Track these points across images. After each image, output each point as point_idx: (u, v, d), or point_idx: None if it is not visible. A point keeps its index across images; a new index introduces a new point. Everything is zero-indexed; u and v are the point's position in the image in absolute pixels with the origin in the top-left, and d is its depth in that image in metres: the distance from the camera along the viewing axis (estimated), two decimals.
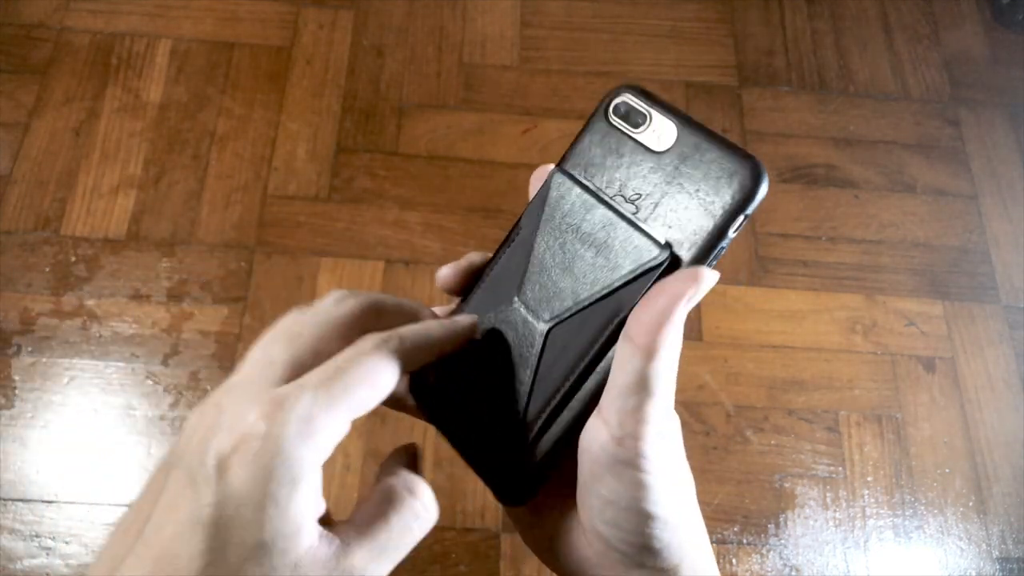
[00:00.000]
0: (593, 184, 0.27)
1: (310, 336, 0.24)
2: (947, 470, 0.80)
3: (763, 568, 0.75)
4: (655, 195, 0.26)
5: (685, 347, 0.83)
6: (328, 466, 0.75)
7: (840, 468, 0.79)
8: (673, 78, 0.98)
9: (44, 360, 0.78)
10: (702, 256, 0.25)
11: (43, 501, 0.72)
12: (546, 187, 0.28)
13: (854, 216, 0.92)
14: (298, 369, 0.23)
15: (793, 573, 0.75)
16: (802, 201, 0.92)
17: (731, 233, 0.25)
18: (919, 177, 0.95)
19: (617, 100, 0.27)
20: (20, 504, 0.72)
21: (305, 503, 0.21)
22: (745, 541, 0.76)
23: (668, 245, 0.25)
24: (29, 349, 0.78)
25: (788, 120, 0.97)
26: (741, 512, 0.77)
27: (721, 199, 0.25)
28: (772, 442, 0.80)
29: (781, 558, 0.76)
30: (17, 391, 0.76)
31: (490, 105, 0.94)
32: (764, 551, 0.76)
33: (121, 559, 0.22)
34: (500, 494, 0.27)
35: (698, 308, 0.86)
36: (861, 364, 0.84)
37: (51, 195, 0.85)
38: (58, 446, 0.74)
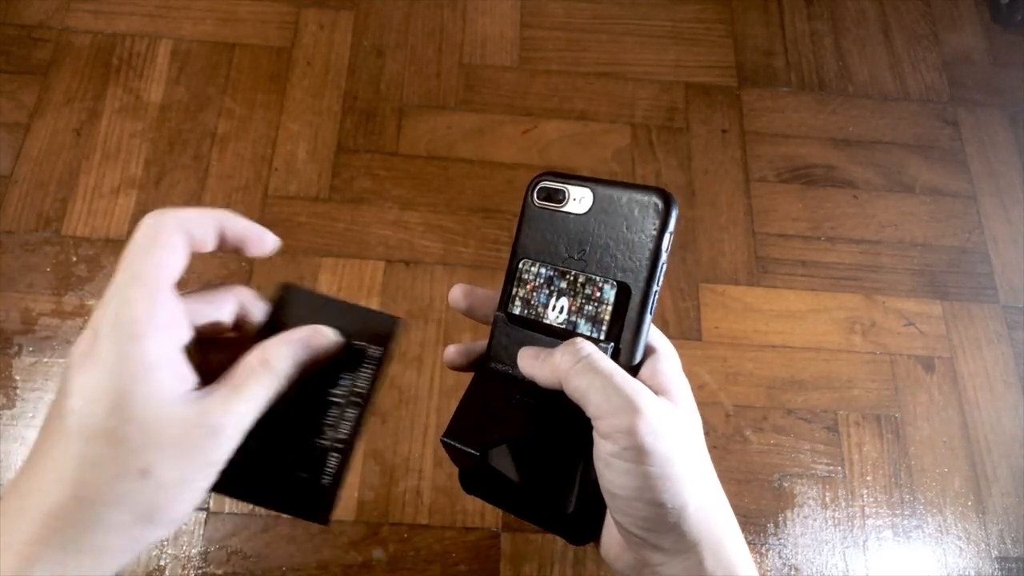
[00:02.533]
0: (546, 258, 0.33)
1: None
2: (946, 470, 0.80)
3: (762, 567, 0.75)
4: (596, 246, 0.31)
5: (685, 347, 0.83)
6: None
7: (839, 468, 0.80)
8: (673, 79, 0.99)
9: (45, 360, 0.78)
10: (649, 276, 0.30)
11: None
12: (514, 270, 0.33)
13: (853, 216, 0.92)
14: None
15: (792, 572, 0.75)
16: (801, 201, 0.93)
17: (664, 251, 0.30)
18: (918, 177, 0.95)
19: (537, 188, 0.33)
20: None
21: (149, 355, 0.24)
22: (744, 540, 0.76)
23: (616, 283, 0.30)
24: (30, 349, 0.78)
25: (787, 120, 0.97)
26: (740, 511, 0.77)
27: (646, 228, 0.30)
28: (771, 442, 0.80)
29: (780, 557, 0.76)
30: (18, 391, 0.76)
31: (490, 105, 0.95)
32: (763, 550, 0.76)
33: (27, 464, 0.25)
34: (573, 540, 0.33)
35: (697, 308, 0.86)
36: (860, 364, 0.84)
37: (52, 195, 0.85)
38: None
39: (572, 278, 0.31)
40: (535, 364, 0.30)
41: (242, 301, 0.31)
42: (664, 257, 0.30)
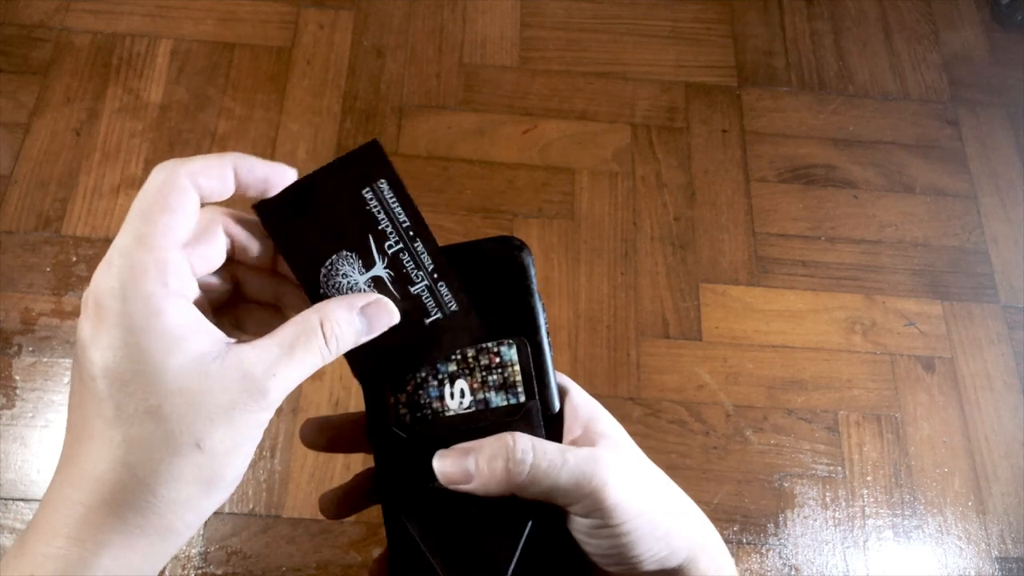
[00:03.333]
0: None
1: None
2: (946, 470, 0.80)
3: (762, 567, 0.75)
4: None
5: (685, 347, 0.83)
6: (327, 466, 0.75)
7: (839, 468, 0.80)
8: (673, 78, 0.99)
9: (45, 360, 0.78)
10: (534, 321, 0.29)
11: None
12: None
13: (853, 216, 0.92)
14: None
15: (792, 572, 0.75)
16: (801, 201, 0.93)
17: (537, 293, 0.29)
18: (918, 177, 0.95)
19: None
20: (21, 504, 0.72)
21: (173, 324, 0.23)
22: (744, 541, 0.76)
23: (511, 341, 0.28)
24: (30, 349, 0.78)
25: (787, 120, 0.97)
26: (740, 512, 0.77)
27: (509, 276, 0.28)
28: (771, 442, 0.80)
29: (780, 557, 0.76)
30: (18, 391, 0.76)
31: (490, 105, 0.95)
32: (763, 551, 0.76)
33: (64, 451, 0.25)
34: None
35: (697, 308, 0.86)
36: (860, 364, 0.84)
37: (52, 195, 0.85)
38: (59, 446, 0.75)
39: (460, 356, 0.29)
40: (466, 477, 0.27)
41: (230, 230, 0.28)
42: (539, 297, 0.29)
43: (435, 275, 0.28)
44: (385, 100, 0.94)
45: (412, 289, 0.27)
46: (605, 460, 0.26)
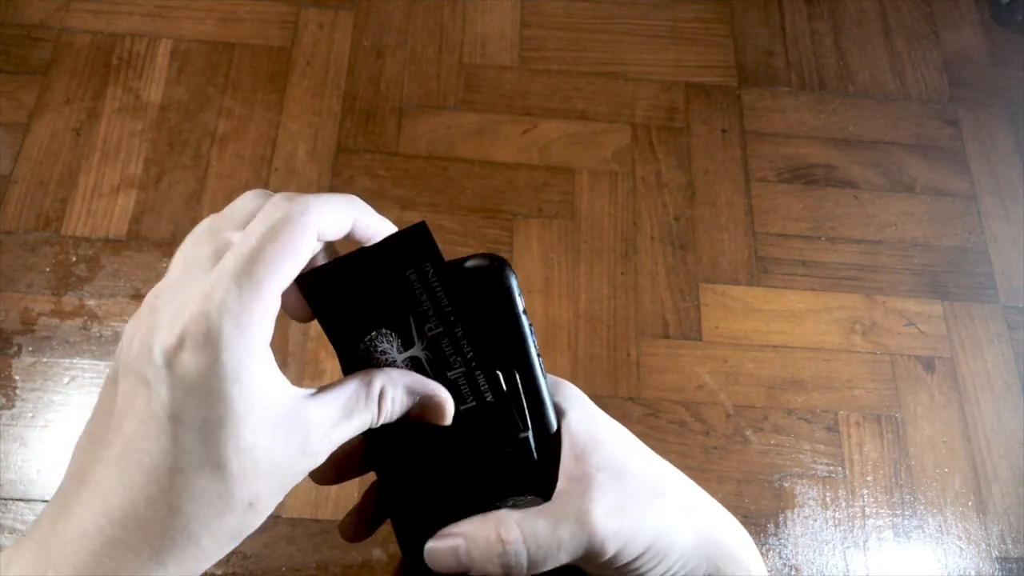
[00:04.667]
0: None
1: (229, 229, 0.24)
2: (946, 470, 0.80)
3: None
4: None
5: (685, 347, 0.83)
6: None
7: (839, 468, 0.79)
8: (673, 78, 0.99)
9: (45, 360, 0.78)
10: (524, 345, 0.28)
11: (44, 501, 0.73)
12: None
13: (853, 216, 0.92)
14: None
15: (792, 572, 0.75)
16: (801, 201, 0.93)
17: (524, 312, 0.28)
18: (918, 177, 0.95)
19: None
20: (21, 504, 0.72)
21: (257, 377, 0.22)
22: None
23: (499, 372, 0.27)
24: (30, 349, 0.78)
25: (788, 120, 0.97)
26: (741, 512, 0.77)
27: (495, 298, 0.27)
28: (771, 442, 0.80)
29: (780, 557, 0.76)
30: (18, 391, 0.76)
31: (490, 105, 0.95)
32: (763, 551, 0.76)
33: (87, 470, 0.22)
34: None
35: (697, 308, 0.86)
36: (860, 364, 0.84)
37: (51, 195, 0.85)
38: (59, 446, 0.75)
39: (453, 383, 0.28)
40: (461, 567, 0.27)
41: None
42: (525, 317, 0.28)
43: (473, 363, 0.27)
44: (385, 100, 0.94)
45: (449, 374, 0.27)
46: (598, 517, 0.26)
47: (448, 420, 0.27)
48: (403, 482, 0.29)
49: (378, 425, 0.26)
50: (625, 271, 0.87)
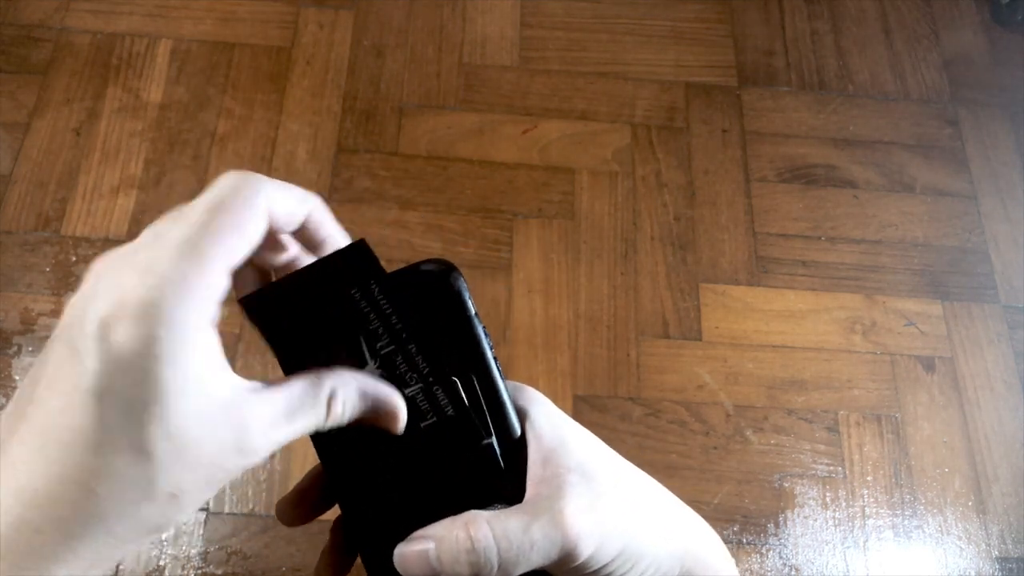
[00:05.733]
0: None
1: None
2: (946, 470, 0.80)
3: (763, 568, 0.75)
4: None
5: (685, 347, 0.83)
6: None
7: (839, 468, 0.79)
8: (673, 78, 0.99)
9: None
10: (479, 349, 0.27)
11: None
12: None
13: (853, 216, 0.92)
14: None
15: (793, 573, 0.75)
16: (801, 201, 0.93)
17: (476, 316, 0.27)
18: (918, 177, 0.95)
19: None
20: None
21: (195, 360, 0.20)
22: (745, 541, 0.76)
23: (454, 379, 0.26)
24: (30, 349, 0.78)
25: (788, 120, 0.97)
26: (741, 512, 0.77)
27: (444, 303, 0.26)
28: (772, 442, 0.80)
29: (781, 558, 0.76)
30: (18, 391, 0.76)
31: (490, 105, 0.95)
32: (764, 551, 0.76)
33: (2, 444, 0.21)
34: None
35: (697, 308, 0.86)
36: (860, 364, 0.84)
37: (51, 195, 0.85)
38: None
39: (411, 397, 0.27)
40: (431, 571, 0.25)
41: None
42: (478, 321, 0.27)
43: (430, 378, 0.26)
44: (385, 100, 0.94)
45: (406, 392, 0.26)
46: (571, 518, 0.25)
47: (402, 427, 0.25)
48: (367, 506, 0.28)
49: (326, 429, 0.24)
50: (625, 271, 0.87)
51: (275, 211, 0.23)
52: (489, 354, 0.27)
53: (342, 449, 0.27)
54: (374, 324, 0.25)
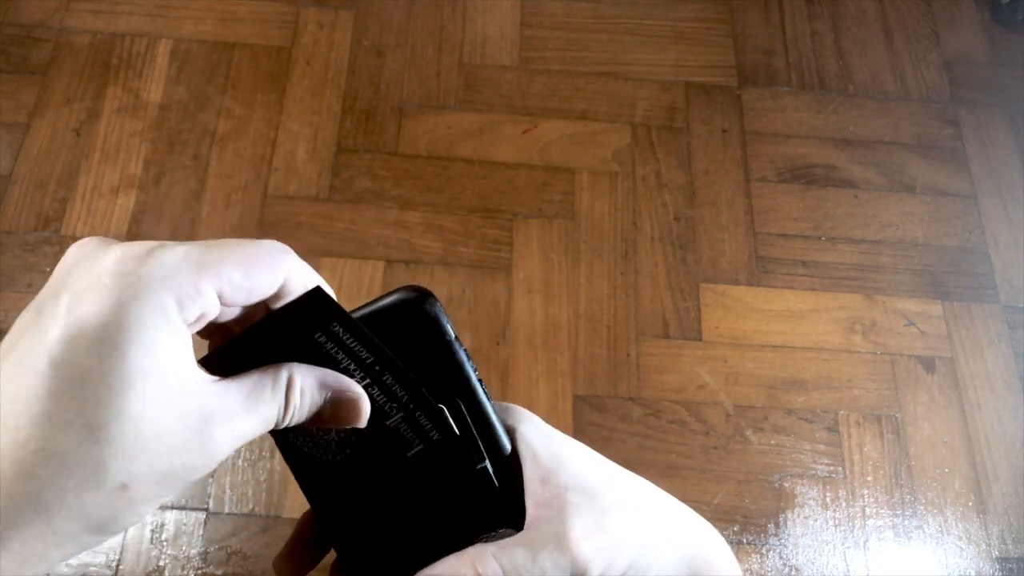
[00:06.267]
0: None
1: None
2: (946, 470, 0.80)
3: (763, 568, 0.75)
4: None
5: (685, 347, 0.83)
6: None
7: (840, 468, 0.79)
8: (673, 78, 0.99)
9: None
10: (462, 373, 0.26)
11: None
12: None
13: (854, 216, 0.92)
14: None
15: (793, 573, 0.75)
16: (801, 201, 0.93)
17: (456, 340, 0.26)
18: (919, 177, 0.95)
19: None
20: None
21: (164, 345, 0.19)
22: (745, 541, 0.76)
23: (441, 406, 0.26)
24: None
25: (788, 120, 0.97)
26: (740, 512, 0.77)
27: (424, 331, 0.26)
28: (772, 442, 0.80)
29: (781, 558, 0.76)
30: None
31: (490, 105, 0.95)
32: (764, 551, 0.76)
33: None
34: None
35: (697, 308, 0.86)
36: (860, 364, 0.84)
37: (51, 195, 0.85)
38: None
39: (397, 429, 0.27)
40: None
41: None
42: (459, 344, 0.27)
43: (410, 405, 0.25)
44: (385, 100, 0.94)
45: (388, 423, 0.25)
46: (578, 542, 0.25)
47: (364, 419, 0.24)
48: (364, 546, 0.27)
49: (285, 423, 0.23)
50: (625, 271, 0.87)
51: (290, 279, 0.22)
52: (473, 376, 0.27)
53: (331, 489, 0.27)
54: (344, 362, 0.24)
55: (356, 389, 0.24)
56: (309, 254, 0.84)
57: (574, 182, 0.91)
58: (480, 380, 0.27)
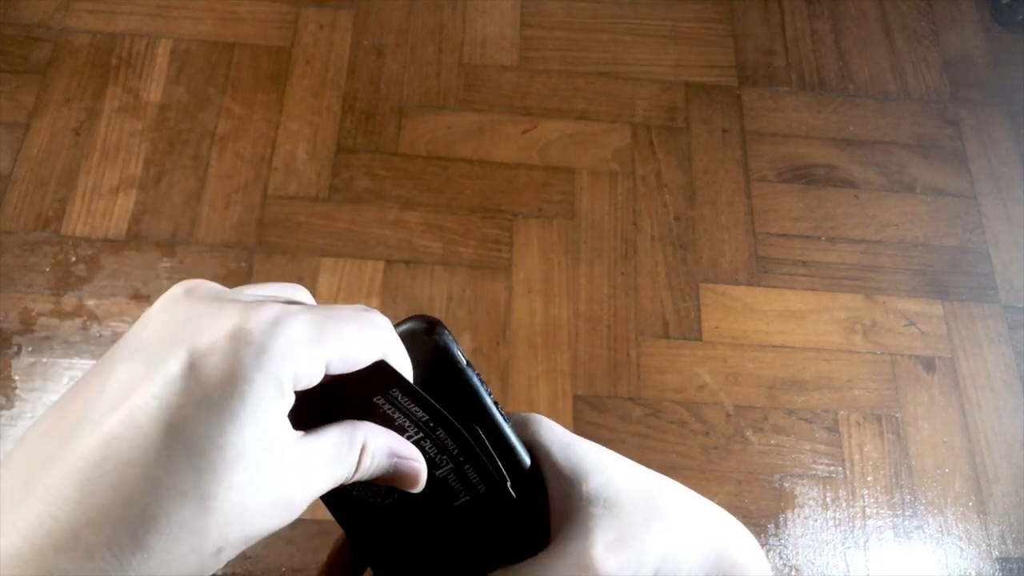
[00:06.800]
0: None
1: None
2: (947, 470, 0.80)
3: None
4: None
5: (685, 347, 0.83)
6: None
7: (840, 468, 0.79)
8: (673, 78, 0.99)
9: (44, 360, 0.78)
10: (476, 395, 0.27)
11: None
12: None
13: (854, 216, 0.92)
14: None
15: (793, 573, 0.75)
16: (802, 201, 0.93)
17: (467, 364, 0.27)
18: (919, 177, 0.95)
19: None
20: None
21: (275, 415, 0.19)
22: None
23: (460, 427, 0.26)
24: (29, 349, 0.78)
25: (788, 120, 0.97)
26: (741, 512, 0.77)
27: (437, 365, 0.26)
28: (772, 442, 0.80)
29: (781, 558, 0.76)
30: (17, 391, 0.76)
31: (490, 105, 0.94)
32: (764, 551, 0.76)
33: (36, 470, 0.18)
34: None
35: (697, 308, 0.86)
36: (861, 364, 0.84)
37: (51, 195, 0.85)
38: None
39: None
40: None
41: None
42: (471, 369, 0.27)
43: (460, 458, 0.26)
44: (385, 100, 0.94)
45: (437, 473, 0.26)
46: (601, 556, 0.25)
47: (420, 486, 0.25)
48: (399, 570, 0.28)
49: (351, 481, 0.23)
50: (625, 271, 0.87)
51: (382, 355, 0.22)
52: (488, 400, 0.27)
53: (373, 528, 0.27)
54: (399, 420, 0.25)
55: (419, 458, 0.25)
56: (309, 254, 0.84)
57: (574, 182, 0.91)
58: (496, 403, 0.28)
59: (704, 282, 0.87)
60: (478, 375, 0.28)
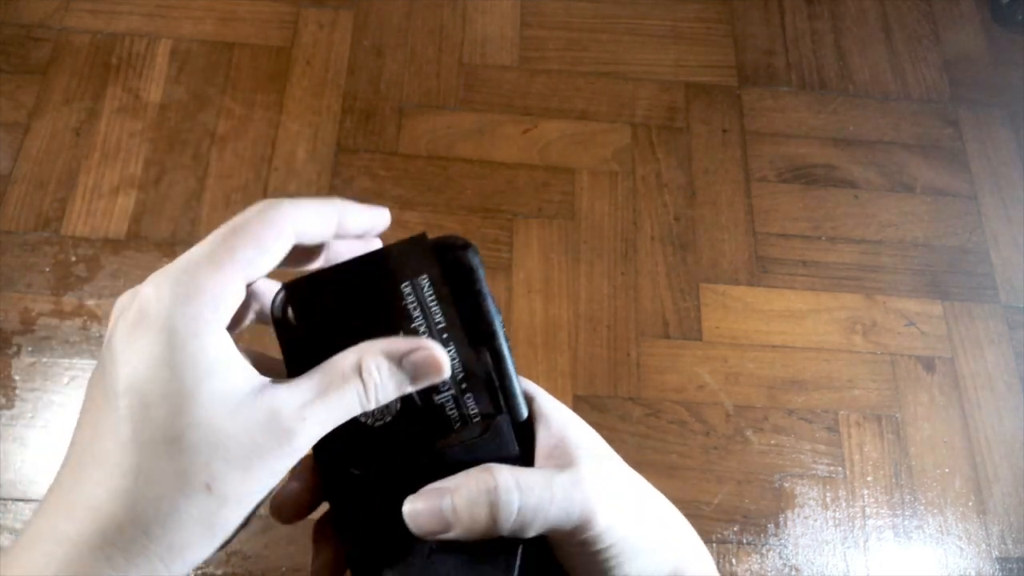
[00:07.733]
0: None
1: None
2: (946, 470, 0.80)
3: (763, 568, 0.75)
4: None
5: (685, 347, 0.83)
6: None
7: (840, 468, 0.79)
8: (673, 78, 0.99)
9: (44, 360, 0.78)
10: (489, 322, 0.26)
11: None
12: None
13: (854, 216, 0.92)
14: None
15: (793, 573, 0.75)
16: (802, 201, 0.93)
17: (489, 297, 0.26)
18: (919, 177, 0.95)
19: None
20: (20, 504, 0.72)
21: (212, 352, 0.21)
22: (745, 541, 0.76)
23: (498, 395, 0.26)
24: (29, 349, 0.78)
25: (788, 120, 0.97)
26: (741, 512, 0.77)
27: (459, 284, 0.26)
28: (772, 442, 0.80)
29: (781, 558, 0.76)
30: (17, 391, 0.76)
31: (490, 105, 0.94)
32: (764, 551, 0.76)
33: (63, 474, 0.22)
34: None
35: (698, 308, 0.86)
36: (861, 364, 0.84)
37: (51, 195, 0.85)
38: (58, 446, 0.74)
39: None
40: (444, 525, 0.24)
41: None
42: (492, 299, 0.26)
43: (463, 385, 0.25)
44: (385, 100, 0.94)
45: (436, 398, 0.25)
46: (591, 483, 0.25)
47: (446, 369, 0.24)
48: (372, 531, 0.26)
49: (376, 402, 0.23)
50: (625, 271, 0.87)
51: (302, 227, 0.23)
52: (501, 333, 0.27)
53: (355, 452, 0.26)
54: (416, 322, 0.25)
55: (425, 343, 0.24)
56: None
57: (574, 182, 0.91)
58: (507, 339, 0.27)
59: (704, 282, 0.87)
60: (498, 309, 0.27)
